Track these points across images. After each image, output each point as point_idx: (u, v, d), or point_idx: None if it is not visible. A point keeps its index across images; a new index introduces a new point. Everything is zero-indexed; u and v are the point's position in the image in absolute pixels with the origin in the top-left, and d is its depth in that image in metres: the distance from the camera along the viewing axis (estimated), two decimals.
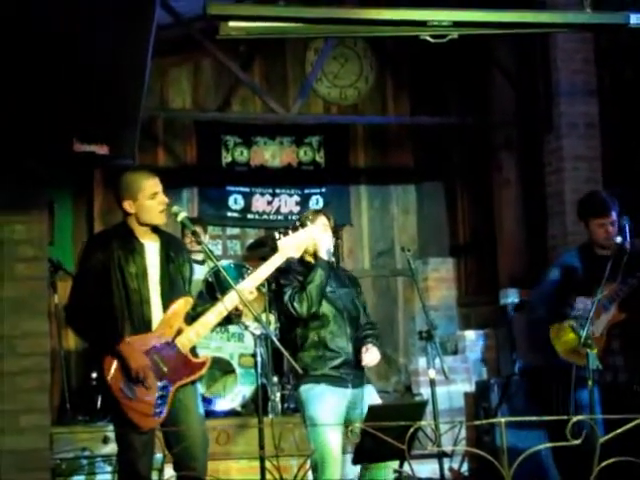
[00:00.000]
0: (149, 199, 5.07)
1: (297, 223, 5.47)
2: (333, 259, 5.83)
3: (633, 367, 6.05)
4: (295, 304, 5.55)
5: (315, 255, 5.70)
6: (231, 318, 5.22)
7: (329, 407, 5.56)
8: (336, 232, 5.94)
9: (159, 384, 4.94)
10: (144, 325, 5.01)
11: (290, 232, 5.35)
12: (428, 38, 5.94)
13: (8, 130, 4.82)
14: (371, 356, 5.63)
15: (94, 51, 4.92)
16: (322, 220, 5.79)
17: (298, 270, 5.73)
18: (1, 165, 4.91)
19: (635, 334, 6.06)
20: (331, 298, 5.69)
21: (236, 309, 5.08)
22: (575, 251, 6.49)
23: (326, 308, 5.65)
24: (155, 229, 5.16)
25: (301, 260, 5.76)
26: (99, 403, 7.35)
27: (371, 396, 5.62)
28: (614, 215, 6.19)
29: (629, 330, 6.06)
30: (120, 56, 5.08)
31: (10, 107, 4.80)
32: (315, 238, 5.52)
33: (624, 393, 5.99)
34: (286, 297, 5.60)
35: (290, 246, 5.32)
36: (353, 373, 5.64)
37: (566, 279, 6.28)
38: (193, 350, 5.11)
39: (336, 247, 5.95)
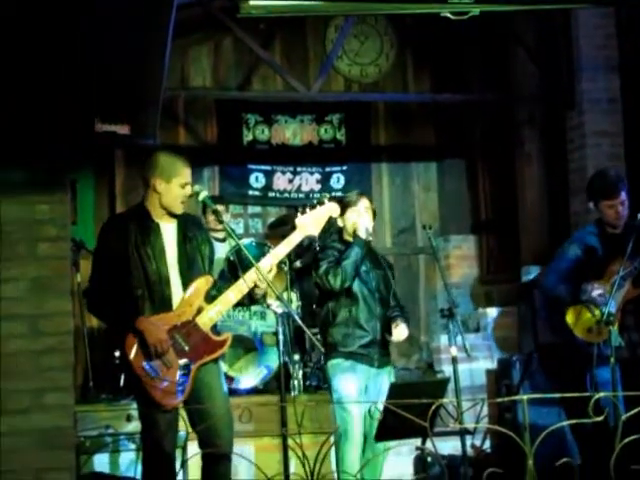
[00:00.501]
0: (180, 186, 5.11)
1: (315, 202, 5.51)
2: (371, 239, 5.88)
3: None
4: (330, 277, 5.69)
5: (354, 234, 5.75)
6: (255, 298, 5.24)
7: (355, 383, 5.72)
8: (375, 214, 6.01)
9: (180, 362, 4.97)
10: (164, 305, 5.04)
11: (308, 209, 5.37)
12: (449, 15, 5.93)
13: (30, 110, 4.84)
14: (400, 331, 5.73)
15: (115, 31, 4.91)
16: (364, 203, 5.92)
17: (337, 247, 5.85)
18: (24, 145, 4.93)
19: None
20: (365, 278, 5.82)
21: (255, 285, 5.09)
22: (592, 228, 6.36)
23: (358, 287, 5.78)
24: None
25: (341, 239, 5.83)
26: (122, 381, 7.40)
27: (390, 379, 5.70)
28: (623, 195, 6.12)
29: None
30: (141, 36, 5.07)
31: (32, 88, 4.81)
32: (333, 215, 5.53)
33: None
34: (321, 270, 5.75)
35: (308, 223, 5.33)
36: (380, 352, 5.74)
37: (587, 258, 6.21)
38: (214, 328, 5.13)
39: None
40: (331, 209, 5.45)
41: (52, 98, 4.80)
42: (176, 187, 5.11)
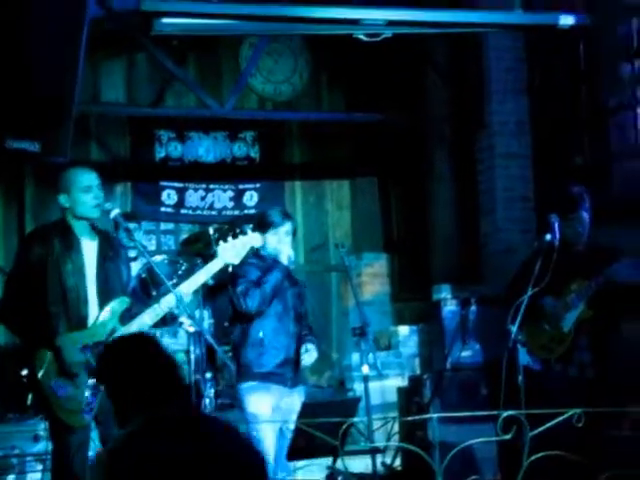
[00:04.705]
0: (82, 192, 5.05)
1: (237, 230, 5.44)
2: (292, 267, 5.80)
3: (600, 363, 6.10)
4: (248, 299, 5.55)
5: (275, 259, 5.68)
6: (166, 319, 5.21)
7: (268, 402, 5.60)
8: (295, 233, 5.93)
9: (90, 382, 4.90)
10: (79, 323, 4.98)
11: (230, 238, 5.30)
12: (361, 37, 6.00)
13: None
14: (310, 356, 5.68)
15: (27, 47, 4.86)
16: (286, 226, 5.77)
17: (256, 264, 5.71)
18: None
19: (602, 331, 6.11)
20: (281, 295, 5.71)
21: (172, 315, 5.09)
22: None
23: (273, 305, 5.66)
24: (94, 227, 5.13)
25: (257, 254, 5.74)
26: (29, 400, 7.27)
27: (301, 398, 5.68)
28: (582, 212, 6.17)
29: (597, 327, 6.10)
30: (54, 52, 5.03)
31: None
32: (255, 245, 5.47)
33: (591, 388, 6.02)
34: (239, 289, 5.59)
35: (229, 253, 5.28)
36: (293, 372, 5.67)
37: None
38: None
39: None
40: (252, 239, 5.39)
41: None
42: (79, 194, 5.05)
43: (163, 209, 9.83)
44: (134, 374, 3.19)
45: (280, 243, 5.70)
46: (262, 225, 5.72)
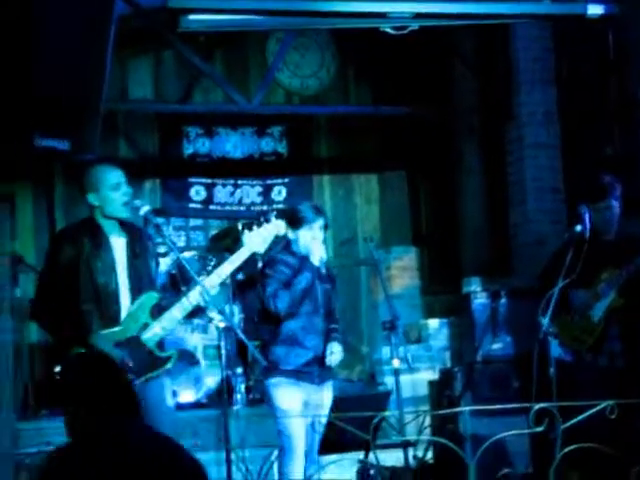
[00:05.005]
0: (111, 190, 5.05)
1: (262, 218, 5.40)
2: (323, 270, 5.72)
3: (631, 353, 6.05)
4: (277, 300, 5.46)
5: (306, 257, 5.56)
6: (195, 314, 5.21)
7: (296, 397, 5.54)
8: (326, 228, 5.82)
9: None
10: (112, 320, 4.99)
11: (255, 227, 5.28)
12: (388, 30, 5.98)
13: None
14: (335, 358, 5.61)
15: (55, 46, 4.89)
16: (320, 222, 5.64)
17: (286, 262, 5.62)
18: None
19: (634, 320, 6.06)
20: (312, 294, 5.63)
21: (200, 308, 5.08)
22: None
23: (305, 304, 5.57)
24: (122, 223, 5.14)
25: (288, 249, 5.66)
26: None
27: (330, 393, 5.64)
28: (612, 200, 6.10)
29: (628, 316, 6.05)
30: (81, 50, 5.05)
31: None
32: (279, 232, 5.43)
33: (621, 378, 5.99)
34: (268, 290, 5.50)
35: (255, 241, 5.26)
36: (320, 368, 5.61)
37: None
38: (159, 344, 5.09)
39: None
40: (278, 227, 5.36)
41: None
42: (108, 192, 5.04)
43: (192, 205, 9.86)
44: (92, 389, 3.22)
45: (314, 239, 5.61)
46: (294, 221, 5.61)
